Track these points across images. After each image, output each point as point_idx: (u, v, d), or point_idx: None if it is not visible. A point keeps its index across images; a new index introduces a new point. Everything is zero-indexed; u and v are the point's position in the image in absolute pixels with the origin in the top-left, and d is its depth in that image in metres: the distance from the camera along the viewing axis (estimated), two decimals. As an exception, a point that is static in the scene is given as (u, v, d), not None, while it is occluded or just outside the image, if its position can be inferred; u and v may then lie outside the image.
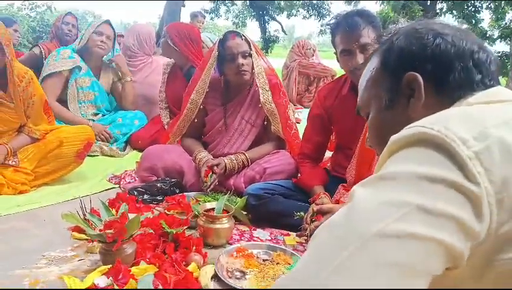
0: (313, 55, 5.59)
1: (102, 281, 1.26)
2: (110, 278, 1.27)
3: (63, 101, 3.09)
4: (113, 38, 3.25)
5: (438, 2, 13.10)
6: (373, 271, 0.45)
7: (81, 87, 3.13)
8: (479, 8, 13.10)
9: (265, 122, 2.36)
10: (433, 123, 0.55)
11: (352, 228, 0.49)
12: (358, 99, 0.85)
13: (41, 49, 3.79)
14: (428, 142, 0.53)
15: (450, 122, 0.54)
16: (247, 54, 2.24)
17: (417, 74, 0.69)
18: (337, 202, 1.81)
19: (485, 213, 0.49)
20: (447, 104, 0.67)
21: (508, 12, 13.01)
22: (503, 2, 12.52)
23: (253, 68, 2.27)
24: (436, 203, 0.48)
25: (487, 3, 13.02)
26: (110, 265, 1.33)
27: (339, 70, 1.99)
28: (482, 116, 0.57)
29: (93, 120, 3.09)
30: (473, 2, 13.08)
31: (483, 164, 0.50)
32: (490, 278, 0.53)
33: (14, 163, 2.27)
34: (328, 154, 2.33)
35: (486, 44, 0.74)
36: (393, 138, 0.58)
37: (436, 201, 0.48)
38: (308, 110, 2.27)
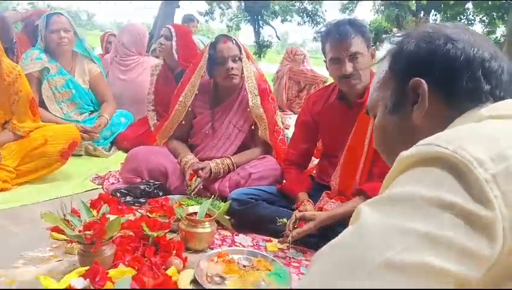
0: (303, 61, 5.61)
1: (79, 283, 1.24)
2: (87, 280, 1.25)
3: (41, 103, 2.94)
4: (70, 27, 3.01)
5: (432, 14, 13.26)
6: None
7: (56, 87, 3.01)
8: (473, 22, 13.28)
9: (253, 127, 2.36)
10: (448, 142, 0.52)
11: (359, 254, 0.48)
12: (368, 99, 0.83)
13: None
14: (442, 162, 0.50)
15: (466, 141, 0.51)
16: (237, 58, 2.25)
17: (422, 80, 0.67)
18: (321, 209, 1.81)
19: (499, 237, 0.47)
20: (453, 115, 0.65)
21: (499, 27, 13.21)
22: (495, 15, 12.72)
23: (242, 72, 2.28)
24: (444, 232, 0.46)
25: (481, 16, 13.22)
26: (88, 267, 1.31)
27: (330, 77, 2.00)
28: (496, 135, 0.54)
29: (78, 121, 2.98)
30: (466, 15, 13.26)
31: (501, 187, 0.48)
32: None
33: (-4, 160, 2.24)
34: (314, 161, 2.33)
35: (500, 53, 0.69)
36: (404, 154, 0.55)
37: (444, 229, 0.46)
38: (297, 116, 2.27)
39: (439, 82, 0.66)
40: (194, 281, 1.44)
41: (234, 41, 2.29)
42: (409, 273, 0.45)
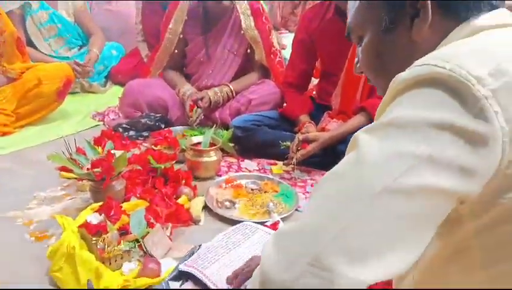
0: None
1: (95, 218, 1.28)
2: (102, 214, 1.29)
3: (29, 42, 2.82)
4: None
5: None
6: (382, 227, 0.47)
7: (41, 23, 2.86)
8: None
9: (249, 51, 2.29)
10: (444, 60, 0.50)
11: (360, 182, 0.48)
12: (348, 21, 0.75)
13: None
14: (439, 82, 0.49)
15: (463, 58, 0.50)
16: (225, -23, 2.12)
17: None
18: (323, 129, 1.82)
19: (498, 152, 0.48)
20: (452, 26, 0.61)
21: None
22: None
23: (233, -7, 2.16)
24: (444, 153, 0.47)
25: None
26: (101, 202, 1.35)
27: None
28: (492, 48, 0.53)
29: (68, 57, 2.87)
30: None
31: (501, 103, 0.47)
32: (490, 217, 0.53)
33: (-8, 104, 2.22)
34: (314, 81, 2.30)
35: None
36: (400, 76, 0.53)
37: (444, 151, 0.47)
38: (293, 34, 2.20)
39: None
40: (206, 207, 1.49)
41: (221, -41, 2.14)
42: (410, 196, 0.46)
